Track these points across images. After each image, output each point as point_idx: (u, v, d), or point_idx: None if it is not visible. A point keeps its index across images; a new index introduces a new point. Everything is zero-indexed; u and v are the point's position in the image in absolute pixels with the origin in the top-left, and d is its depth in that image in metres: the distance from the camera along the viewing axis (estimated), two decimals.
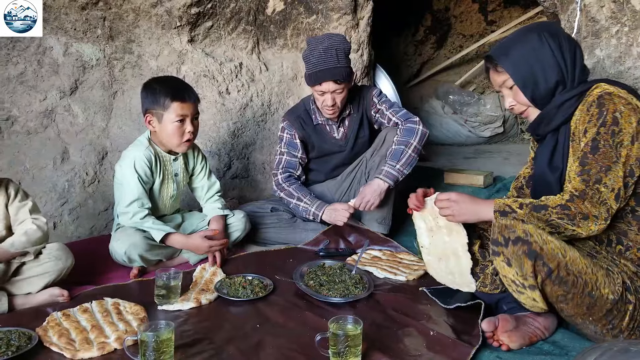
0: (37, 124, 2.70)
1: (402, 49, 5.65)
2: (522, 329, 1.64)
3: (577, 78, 1.62)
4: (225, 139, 3.14)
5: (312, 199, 2.59)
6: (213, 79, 3.09)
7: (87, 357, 1.53)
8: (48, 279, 1.88)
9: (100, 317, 1.73)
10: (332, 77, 2.42)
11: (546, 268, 1.45)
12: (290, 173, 2.68)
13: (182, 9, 2.88)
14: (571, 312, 1.53)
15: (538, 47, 1.61)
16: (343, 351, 1.45)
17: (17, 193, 1.91)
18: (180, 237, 2.22)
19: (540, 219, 1.51)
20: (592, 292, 1.48)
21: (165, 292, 1.86)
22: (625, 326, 1.51)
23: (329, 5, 3.27)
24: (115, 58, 2.87)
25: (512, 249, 1.48)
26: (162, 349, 1.43)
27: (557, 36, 1.62)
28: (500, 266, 1.54)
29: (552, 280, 1.47)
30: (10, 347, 1.51)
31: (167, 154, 2.31)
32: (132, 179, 2.17)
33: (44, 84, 2.71)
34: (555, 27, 1.68)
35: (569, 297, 1.49)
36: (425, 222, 1.90)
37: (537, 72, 1.62)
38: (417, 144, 2.51)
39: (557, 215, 1.49)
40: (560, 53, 1.61)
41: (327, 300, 1.91)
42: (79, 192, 2.70)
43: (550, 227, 1.51)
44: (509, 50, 1.65)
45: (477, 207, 1.66)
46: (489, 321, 1.63)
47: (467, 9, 5.47)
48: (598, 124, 1.51)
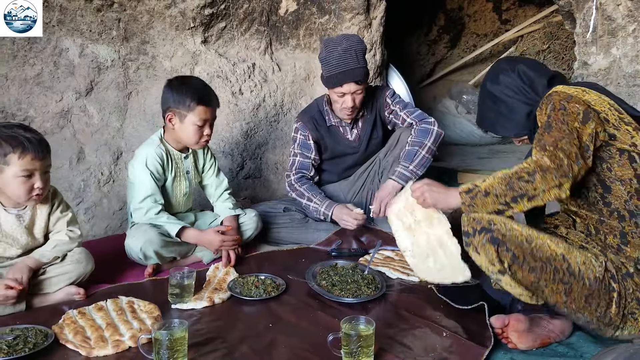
0: (54, 124, 2.74)
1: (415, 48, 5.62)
2: (534, 330, 1.63)
3: (542, 93, 1.72)
4: (238, 139, 3.16)
5: (322, 199, 2.59)
6: (226, 79, 3.11)
7: (102, 355, 1.54)
8: (67, 282, 1.91)
9: (115, 316, 1.75)
10: (354, 78, 2.42)
11: (510, 254, 1.51)
12: (303, 174, 2.69)
13: (195, 10, 2.90)
14: (552, 300, 1.56)
15: (496, 100, 1.76)
16: (355, 351, 1.45)
17: (60, 204, 1.97)
18: (195, 231, 2.24)
19: (500, 182, 1.55)
20: (563, 278, 1.52)
21: (179, 291, 1.88)
22: (614, 314, 1.54)
23: (342, 5, 3.27)
24: (129, 59, 2.90)
25: (478, 238, 1.54)
26: (175, 347, 1.44)
27: (505, 73, 1.76)
28: (473, 256, 1.59)
29: (520, 266, 1.52)
30: (27, 344, 1.53)
31: (178, 152, 2.33)
32: (144, 175, 2.20)
33: (60, 85, 2.75)
34: (498, 64, 1.81)
35: (542, 284, 1.53)
36: (402, 221, 1.86)
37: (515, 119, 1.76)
38: (431, 145, 2.50)
39: (517, 175, 1.53)
40: (514, 89, 1.74)
41: (339, 301, 1.91)
42: (94, 192, 2.73)
43: (511, 189, 1.53)
44: (485, 117, 1.83)
45: (447, 192, 1.70)
46: (499, 318, 1.65)
47: (481, 8, 5.43)
48: (548, 111, 1.60)
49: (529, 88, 1.73)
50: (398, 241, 1.90)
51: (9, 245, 1.86)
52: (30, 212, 1.90)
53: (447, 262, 1.77)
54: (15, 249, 1.87)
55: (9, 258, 1.87)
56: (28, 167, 1.75)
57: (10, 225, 1.85)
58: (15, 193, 1.79)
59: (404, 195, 1.86)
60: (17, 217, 1.87)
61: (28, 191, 1.79)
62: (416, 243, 1.85)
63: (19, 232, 1.87)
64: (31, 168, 1.76)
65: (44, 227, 1.93)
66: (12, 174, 1.75)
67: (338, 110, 2.59)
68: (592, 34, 2.50)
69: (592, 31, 2.51)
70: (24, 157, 1.74)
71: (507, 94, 1.74)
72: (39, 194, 1.83)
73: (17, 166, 1.74)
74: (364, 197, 2.75)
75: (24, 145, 1.74)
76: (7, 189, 1.79)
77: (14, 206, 1.86)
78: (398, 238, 1.89)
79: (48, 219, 1.94)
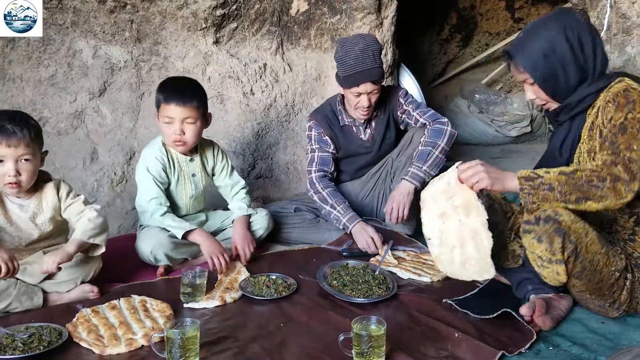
0: (67, 124, 2.77)
1: (427, 47, 5.59)
2: (551, 312, 1.71)
3: (598, 70, 1.65)
4: (250, 140, 3.17)
5: (346, 209, 2.52)
6: (238, 80, 3.12)
7: (115, 353, 1.56)
8: (78, 281, 1.92)
9: (128, 314, 1.76)
10: (371, 78, 2.41)
11: (572, 245, 1.55)
12: (324, 172, 2.64)
13: (207, 11, 2.91)
14: (583, 287, 1.66)
15: (558, 44, 1.62)
16: (367, 351, 1.44)
17: (69, 193, 1.96)
18: (201, 235, 2.19)
19: (568, 182, 1.52)
20: (602, 270, 1.61)
21: (191, 290, 1.89)
22: (623, 300, 1.68)
23: (353, 5, 3.26)
24: (142, 60, 2.92)
25: (544, 227, 1.55)
26: (187, 346, 1.45)
27: (576, 29, 1.62)
28: (529, 243, 1.60)
29: (576, 257, 1.56)
30: (42, 342, 1.55)
31: (182, 155, 2.32)
32: (147, 180, 2.21)
33: (73, 85, 2.78)
34: (574, 16, 1.66)
35: (584, 274, 1.61)
36: (437, 205, 1.72)
37: (558, 71, 1.65)
38: (444, 145, 2.49)
39: (586, 177, 1.51)
40: (580, 48, 1.62)
41: (350, 301, 1.91)
42: (107, 192, 2.75)
43: (578, 190, 1.51)
44: (528, 48, 1.66)
45: (503, 173, 1.63)
46: (527, 307, 1.69)
47: (493, 6, 5.38)
48: (625, 111, 1.56)
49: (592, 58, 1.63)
50: (426, 227, 1.78)
51: (12, 236, 1.86)
52: (34, 202, 1.89)
53: (475, 256, 1.67)
54: (18, 240, 1.87)
55: (15, 250, 1.87)
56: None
57: (15, 214, 1.86)
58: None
59: (446, 177, 1.71)
60: (20, 207, 1.87)
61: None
62: (445, 231, 1.72)
63: (23, 221, 1.87)
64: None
65: (49, 219, 1.92)
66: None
67: (353, 110, 2.58)
68: (607, 32, 2.48)
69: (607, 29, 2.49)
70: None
71: (573, 51, 1.62)
72: (11, 183, 1.76)
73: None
74: (375, 197, 2.75)
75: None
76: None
77: (16, 195, 1.86)
78: (427, 223, 1.77)
79: (54, 211, 1.93)
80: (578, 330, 1.71)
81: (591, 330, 1.71)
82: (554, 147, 1.79)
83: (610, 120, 1.58)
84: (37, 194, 1.91)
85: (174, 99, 2.15)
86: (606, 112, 1.60)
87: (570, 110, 1.71)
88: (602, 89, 1.64)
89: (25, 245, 1.90)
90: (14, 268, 1.68)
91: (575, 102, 1.68)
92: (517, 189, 1.57)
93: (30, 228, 1.89)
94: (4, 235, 1.86)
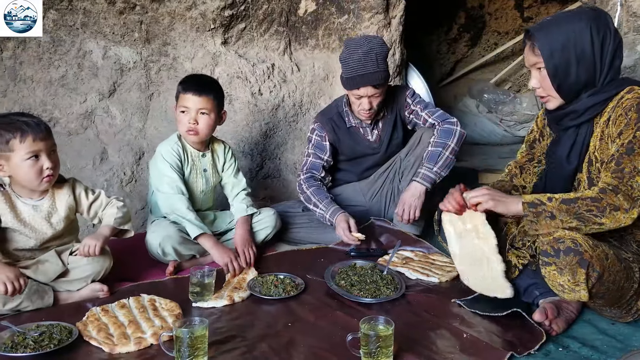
0: (78, 125, 2.79)
1: (435, 47, 5.58)
2: (563, 314, 1.72)
3: (608, 78, 1.63)
4: (258, 140, 3.17)
5: (328, 205, 2.53)
6: (246, 80, 3.13)
7: (125, 352, 1.57)
8: (89, 279, 1.95)
9: (137, 313, 1.77)
10: (371, 82, 2.41)
11: (596, 273, 1.52)
12: (312, 174, 2.67)
13: (215, 12, 2.92)
14: (604, 304, 1.66)
15: (581, 39, 1.59)
16: (374, 351, 1.44)
17: (87, 190, 2.03)
18: (211, 241, 2.21)
19: (569, 211, 1.54)
20: (623, 286, 1.60)
21: (200, 290, 1.90)
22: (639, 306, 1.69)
23: (361, 4, 3.26)
24: (151, 60, 2.94)
25: (565, 259, 1.52)
26: (196, 345, 1.45)
27: (604, 31, 1.60)
28: (550, 274, 1.58)
29: (601, 282, 1.54)
30: (52, 341, 1.57)
31: (195, 150, 2.38)
32: (165, 167, 2.27)
33: (84, 86, 2.80)
34: (605, 19, 1.64)
35: (607, 294, 1.60)
36: (454, 227, 1.84)
37: (571, 66, 1.62)
38: (454, 146, 2.48)
39: (587, 207, 1.53)
40: (600, 51, 1.60)
41: (358, 301, 1.91)
42: (117, 191, 2.77)
43: (578, 220, 1.54)
44: (552, 34, 1.62)
45: (508, 198, 1.68)
46: (540, 312, 1.68)
47: (502, 5, 5.36)
48: (635, 128, 1.54)
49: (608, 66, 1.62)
50: (450, 247, 1.89)
51: (27, 236, 1.89)
52: (47, 202, 1.92)
53: (490, 276, 1.76)
54: (33, 240, 1.90)
55: (29, 250, 1.91)
56: (32, 148, 1.79)
57: (28, 214, 1.89)
58: (26, 178, 1.83)
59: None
60: (34, 208, 1.90)
61: (38, 173, 1.82)
62: (464, 249, 1.83)
63: (38, 221, 1.90)
64: (35, 149, 1.80)
65: (64, 218, 1.95)
66: (19, 158, 1.79)
67: (356, 112, 2.59)
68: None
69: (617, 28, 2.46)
70: (24, 139, 1.78)
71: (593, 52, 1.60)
72: (50, 175, 1.85)
73: (22, 150, 1.78)
74: (383, 197, 2.74)
75: (22, 129, 1.78)
76: (18, 176, 1.83)
77: (29, 196, 1.90)
78: (450, 243, 1.88)
79: (68, 210, 1.96)
80: (588, 332, 1.70)
81: (601, 331, 1.69)
82: (561, 156, 1.76)
83: (619, 135, 1.57)
84: (50, 194, 1.94)
85: (192, 89, 2.28)
86: (617, 124, 1.59)
87: (578, 117, 1.68)
88: (610, 97, 1.63)
89: (39, 245, 1.92)
90: (20, 286, 1.72)
91: (583, 109, 1.66)
92: (521, 212, 1.61)
93: (45, 227, 1.91)
94: (18, 237, 1.89)
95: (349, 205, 2.71)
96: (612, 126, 1.60)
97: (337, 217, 2.47)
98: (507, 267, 1.78)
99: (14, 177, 1.85)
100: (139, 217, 2.80)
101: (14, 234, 1.88)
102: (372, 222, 2.66)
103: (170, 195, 2.24)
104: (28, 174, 1.81)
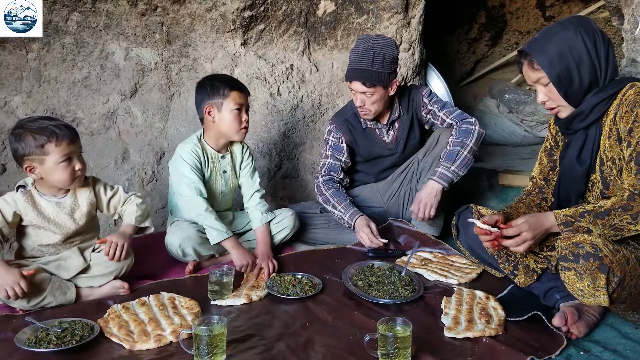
0: (100, 125, 2.84)
1: (455, 47, 5.53)
2: (584, 318, 1.70)
3: (609, 77, 1.65)
4: (276, 140, 3.19)
5: (347, 207, 2.53)
6: (265, 80, 3.15)
7: (145, 349, 1.59)
8: (111, 276, 1.99)
9: (157, 311, 1.80)
10: (360, 78, 2.41)
11: (616, 278, 1.51)
12: (331, 176, 2.66)
13: (235, 13, 2.94)
14: (626, 308, 1.65)
15: (574, 45, 1.63)
16: (392, 352, 1.44)
17: (106, 186, 2.10)
18: (232, 243, 2.22)
19: (604, 224, 1.57)
20: None
21: (218, 288, 1.92)
22: None
23: (380, 4, 3.25)
24: (172, 62, 2.98)
25: (585, 264, 1.51)
26: (215, 343, 1.47)
27: (592, 33, 1.63)
28: (570, 279, 1.57)
29: (622, 287, 1.53)
30: (74, 337, 1.60)
31: (216, 151, 2.39)
32: (185, 168, 2.28)
33: (106, 87, 2.85)
34: (590, 23, 1.68)
35: (628, 298, 1.59)
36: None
37: (573, 71, 1.64)
38: (473, 145, 2.45)
39: (620, 217, 1.55)
40: (595, 52, 1.63)
41: (376, 301, 1.90)
42: (138, 191, 2.81)
43: (614, 230, 1.56)
44: (545, 47, 1.66)
45: (542, 223, 1.70)
46: (559, 317, 1.67)
47: (523, 4, 5.28)
48: None
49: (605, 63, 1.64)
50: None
51: (52, 232, 1.94)
52: (70, 199, 1.98)
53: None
54: (57, 235, 1.95)
55: (52, 245, 1.96)
56: (66, 151, 1.87)
57: (52, 211, 1.94)
58: (60, 179, 1.90)
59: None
60: (57, 205, 1.95)
61: (71, 174, 1.90)
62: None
63: (61, 217, 1.95)
64: (68, 152, 1.87)
65: (86, 213, 2.01)
66: (53, 161, 1.85)
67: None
68: None
69: None
70: (60, 143, 1.85)
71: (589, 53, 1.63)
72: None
73: (57, 153, 1.85)
74: (401, 198, 2.72)
75: (57, 133, 1.85)
76: (51, 177, 1.89)
77: (53, 194, 1.96)
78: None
79: (90, 206, 2.02)
80: (610, 336, 1.68)
81: (624, 335, 1.67)
82: (572, 158, 1.77)
83: (630, 133, 1.58)
84: (72, 191, 1.99)
85: (237, 86, 2.34)
86: (624, 121, 1.60)
87: (585, 118, 1.69)
88: (614, 95, 1.65)
89: (63, 241, 1.97)
90: (21, 290, 1.75)
91: (588, 109, 1.67)
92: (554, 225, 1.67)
93: (69, 223, 1.97)
94: (43, 233, 1.94)
95: (367, 206, 2.70)
96: (620, 122, 1.61)
97: (357, 221, 2.46)
98: (526, 272, 1.77)
99: (45, 179, 1.90)
100: (159, 215, 2.84)
101: (39, 230, 1.93)
102: (390, 222, 2.65)
103: (189, 199, 2.25)
104: (62, 175, 1.88)
